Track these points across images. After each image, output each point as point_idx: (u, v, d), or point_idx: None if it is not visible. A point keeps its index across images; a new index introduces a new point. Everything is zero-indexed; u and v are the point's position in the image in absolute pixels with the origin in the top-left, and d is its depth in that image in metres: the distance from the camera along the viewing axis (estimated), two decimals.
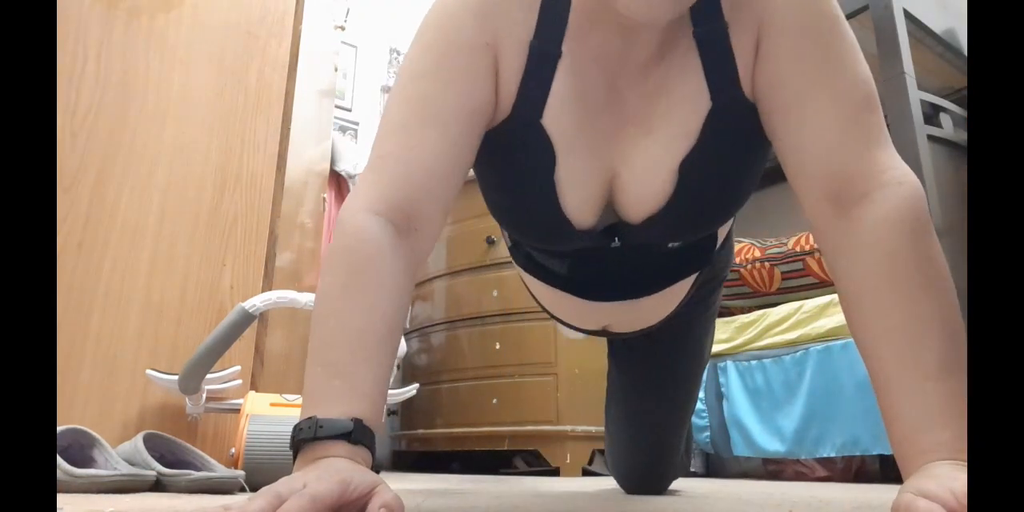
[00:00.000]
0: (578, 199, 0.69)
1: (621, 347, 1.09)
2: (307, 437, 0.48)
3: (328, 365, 0.52)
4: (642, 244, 0.75)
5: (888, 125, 1.90)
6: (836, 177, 0.58)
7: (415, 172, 0.61)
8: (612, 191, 0.70)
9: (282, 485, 0.43)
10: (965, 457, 0.45)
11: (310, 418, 0.49)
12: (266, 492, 0.42)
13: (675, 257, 0.81)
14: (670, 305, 0.89)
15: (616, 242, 0.74)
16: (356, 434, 0.49)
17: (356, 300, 0.55)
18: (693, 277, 0.87)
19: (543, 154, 0.67)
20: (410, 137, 0.62)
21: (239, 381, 1.35)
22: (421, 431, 2.52)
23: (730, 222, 0.87)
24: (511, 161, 0.69)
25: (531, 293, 0.95)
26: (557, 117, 0.66)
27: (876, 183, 0.56)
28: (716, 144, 0.66)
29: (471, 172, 0.73)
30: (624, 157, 0.68)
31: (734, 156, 0.68)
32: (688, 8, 0.58)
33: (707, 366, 2.02)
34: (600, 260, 0.79)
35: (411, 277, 0.61)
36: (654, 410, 1.07)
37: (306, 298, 1.24)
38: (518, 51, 0.65)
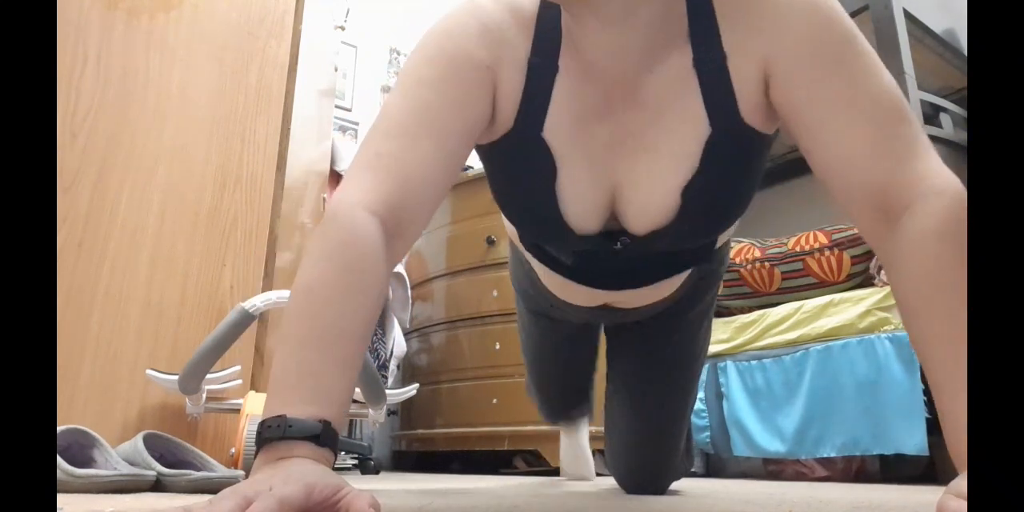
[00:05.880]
0: (580, 208, 0.72)
1: (619, 346, 1.09)
2: (275, 436, 0.48)
3: (304, 363, 0.52)
4: (644, 249, 0.78)
5: None
6: (876, 193, 0.58)
7: (412, 177, 0.62)
8: (615, 202, 0.73)
9: (248, 487, 0.43)
10: None
11: (279, 416, 0.49)
12: (232, 493, 0.42)
13: (675, 256, 0.84)
14: (671, 288, 0.92)
15: (619, 246, 0.76)
16: (323, 437, 0.49)
17: (344, 299, 0.55)
18: (692, 269, 0.91)
19: (544, 165, 0.70)
20: (410, 141, 0.63)
21: (239, 381, 1.35)
22: (421, 431, 2.52)
23: (733, 225, 0.89)
24: (514, 171, 0.72)
25: (533, 276, 0.97)
26: (557, 130, 0.69)
27: (916, 194, 0.56)
28: (717, 169, 0.68)
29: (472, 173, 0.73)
30: (626, 171, 0.71)
31: (734, 178, 0.71)
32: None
33: (707, 366, 2.04)
34: (604, 258, 0.81)
35: (388, 282, 0.62)
36: (653, 409, 1.07)
37: None
38: (517, 69, 0.68)
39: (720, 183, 0.70)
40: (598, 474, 2.10)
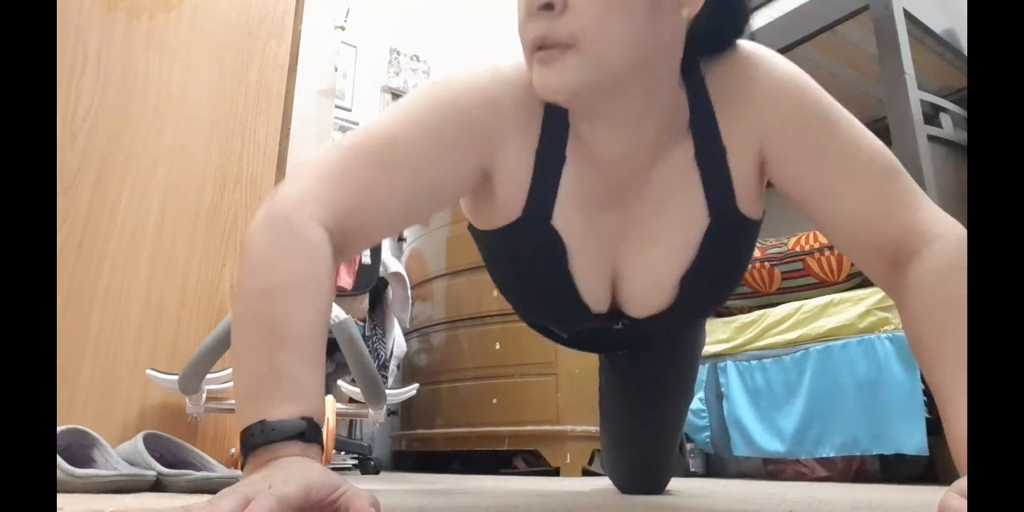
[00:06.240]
0: (590, 288, 0.75)
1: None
2: (260, 442, 0.48)
3: (277, 365, 0.52)
4: (642, 329, 0.81)
5: (888, 126, 1.86)
6: (885, 247, 0.63)
7: (372, 210, 0.63)
8: (615, 288, 0.76)
9: (247, 486, 0.43)
10: None
11: (260, 422, 0.49)
12: (231, 493, 0.42)
13: (669, 329, 0.90)
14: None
15: (620, 325, 0.80)
16: (308, 434, 0.49)
17: (305, 303, 0.55)
18: None
19: (556, 251, 0.72)
20: (386, 177, 0.63)
21: None
22: (421, 431, 2.52)
23: None
24: (524, 257, 0.74)
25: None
26: (565, 218, 0.70)
27: (923, 241, 0.60)
28: (713, 256, 0.72)
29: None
30: (626, 260, 0.74)
31: (728, 262, 0.75)
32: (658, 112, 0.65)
33: (707, 366, 2.04)
34: (600, 333, 0.85)
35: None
36: (649, 410, 1.07)
37: None
38: (525, 155, 0.68)
39: (716, 268, 0.74)
40: (598, 474, 2.10)
